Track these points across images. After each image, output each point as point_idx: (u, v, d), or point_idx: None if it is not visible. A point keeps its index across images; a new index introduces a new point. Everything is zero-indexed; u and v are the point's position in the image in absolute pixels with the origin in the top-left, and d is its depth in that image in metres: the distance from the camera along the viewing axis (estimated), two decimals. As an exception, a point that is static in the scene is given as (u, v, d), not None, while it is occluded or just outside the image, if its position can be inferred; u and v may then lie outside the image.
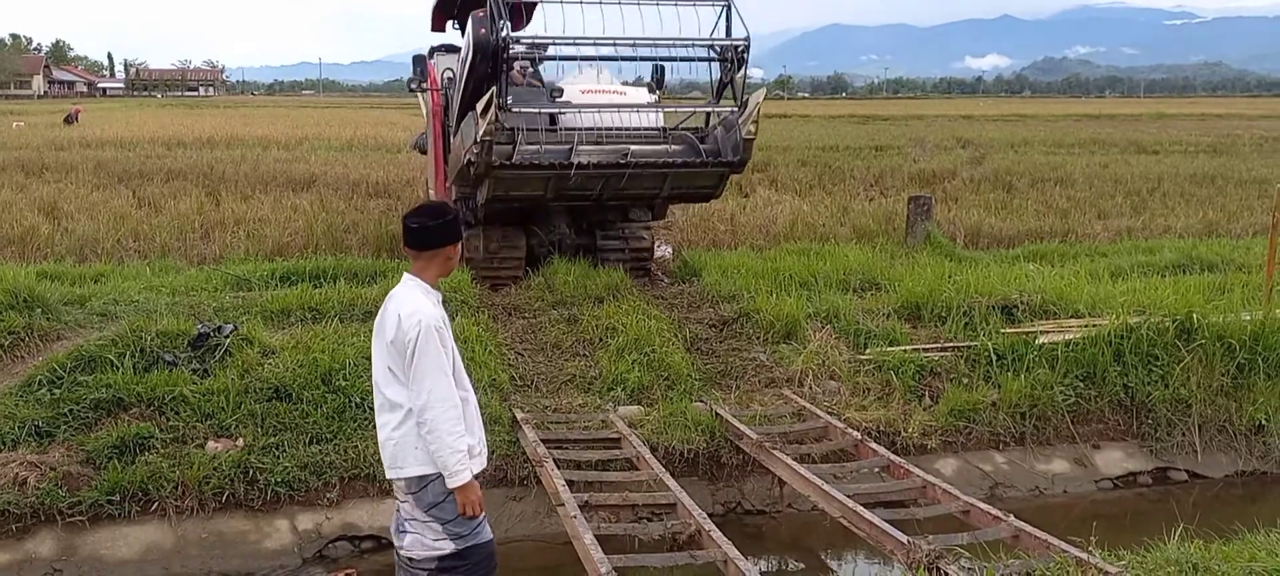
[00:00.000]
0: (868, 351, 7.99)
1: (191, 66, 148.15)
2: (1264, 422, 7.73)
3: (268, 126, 34.10)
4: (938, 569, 4.69)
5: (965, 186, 18.61)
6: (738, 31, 8.51)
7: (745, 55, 8.49)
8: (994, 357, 7.85)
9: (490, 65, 8.10)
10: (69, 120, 38.09)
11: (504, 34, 7.90)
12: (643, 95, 9.44)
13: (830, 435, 6.88)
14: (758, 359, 7.97)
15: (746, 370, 7.87)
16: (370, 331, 7.74)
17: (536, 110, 8.48)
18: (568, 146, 8.50)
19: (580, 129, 8.62)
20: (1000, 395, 7.61)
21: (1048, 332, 8.11)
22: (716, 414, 7.07)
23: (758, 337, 8.24)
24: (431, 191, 11.16)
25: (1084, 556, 4.65)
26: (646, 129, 9.20)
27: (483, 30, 8.03)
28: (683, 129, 9.36)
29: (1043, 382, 7.66)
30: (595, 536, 5.09)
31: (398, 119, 45.01)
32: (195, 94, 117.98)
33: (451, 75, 10.46)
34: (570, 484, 5.82)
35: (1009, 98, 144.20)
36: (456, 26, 11.44)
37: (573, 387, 7.52)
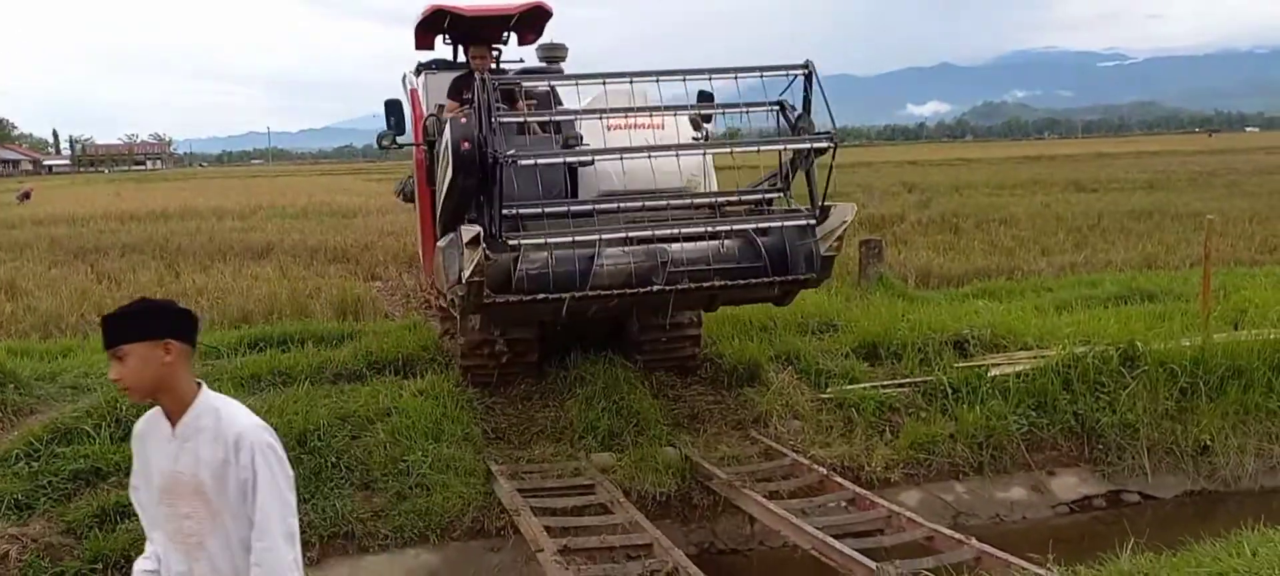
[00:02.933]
0: (828, 390, 8.24)
1: (138, 140, 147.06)
2: (1208, 443, 8.06)
3: (220, 197, 34.07)
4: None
5: (914, 229, 19.09)
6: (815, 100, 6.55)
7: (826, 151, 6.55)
8: (949, 391, 8.15)
9: (479, 178, 6.09)
10: (23, 198, 37.87)
11: (496, 151, 5.87)
12: (684, 133, 7.30)
13: (797, 472, 7.10)
14: (723, 402, 8.19)
15: (712, 413, 8.08)
16: (341, 393, 7.95)
17: (546, 239, 6.34)
18: (587, 252, 6.43)
19: (605, 208, 6.74)
20: (957, 427, 7.89)
21: (999, 365, 8.43)
22: (686, 457, 7.27)
23: (722, 381, 8.46)
24: (419, 250, 9.66)
25: (1043, 572, 4.90)
26: (692, 196, 7.05)
27: (466, 144, 5.93)
28: (740, 204, 7.27)
29: (997, 413, 7.97)
30: (576, 578, 5.29)
31: (351, 184, 45.15)
32: (143, 167, 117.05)
33: (438, 110, 8.31)
34: (547, 530, 5.99)
35: (951, 142, 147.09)
36: (448, 41, 9.35)
37: (544, 438, 7.68)
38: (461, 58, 9.25)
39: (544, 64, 8.59)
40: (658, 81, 6.35)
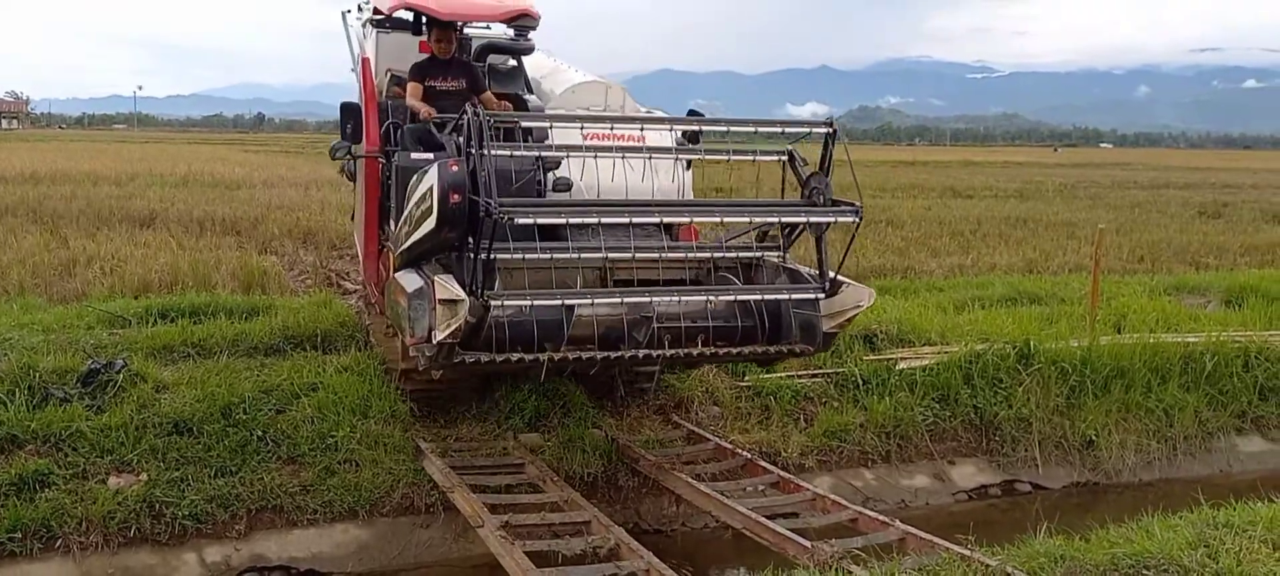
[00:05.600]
0: (746, 379, 8.50)
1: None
2: (1094, 438, 8.62)
3: (91, 161, 32.64)
4: (841, 569, 5.17)
5: (807, 227, 19.54)
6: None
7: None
8: (860, 382, 8.53)
9: (467, 234, 5.36)
10: None
11: (489, 204, 5.10)
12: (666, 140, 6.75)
13: (720, 456, 7.33)
14: (644, 388, 8.35)
15: (634, 398, 8.24)
16: (262, 366, 7.86)
17: (530, 302, 5.68)
18: (566, 304, 5.79)
19: (590, 258, 5.93)
20: (867, 416, 8.27)
21: (906, 359, 8.84)
22: (613, 439, 7.42)
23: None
24: (361, 258, 8.57)
25: (967, 553, 5.22)
26: (686, 249, 6.54)
27: (456, 197, 5.15)
28: (733, 248, 6.70)
29: (904, 404, 8.38)
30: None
31: (228, 155, 43.90)
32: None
33: (398, 85, 7.75)
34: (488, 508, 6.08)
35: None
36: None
37: (470, 418, 7.71)
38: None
39: (511, 33, 8.17)
40: (673, 129, 6.24)
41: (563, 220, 5.64)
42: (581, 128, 5.83)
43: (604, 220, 5.70)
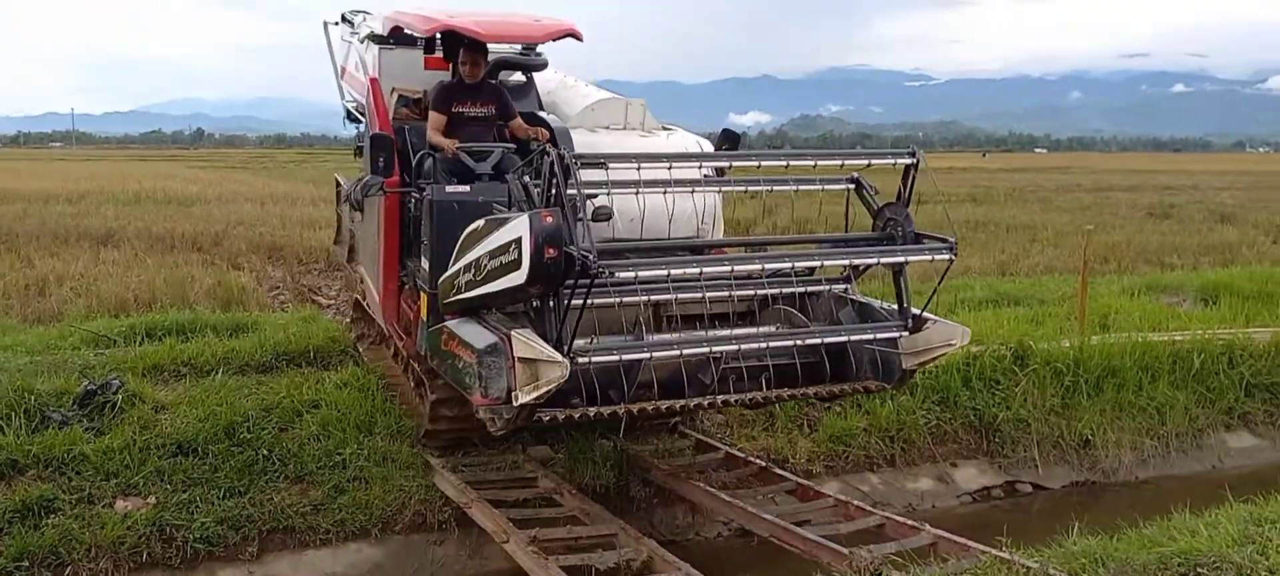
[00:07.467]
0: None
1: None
2: (1090, 437, 8.72)
3: (38, 180, 31.86)
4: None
5: (772, 232, 19.64)
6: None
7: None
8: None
9: (554, 288, 4.90)
10: None
11: (586, 257, 4.62)
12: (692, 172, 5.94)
13: (732, 464, 7.28)
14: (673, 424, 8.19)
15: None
16: (259, 384, 7.69)
17: (619, 358, 5.33)
18: (639, 354, 5.37)
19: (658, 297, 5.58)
20: (871, 421, 8.28)
21: (904, 363, 8.85)
22: (623, 449, 7.35)
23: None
24: (374, 298, 7.70)
25: (1006, 555, 5.21)
26: (753, 280, 5.95)
27: (552, 251, 4.63)
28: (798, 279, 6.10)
29: (906, 408, 8.40)
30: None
31: (174, 171, 43.04)
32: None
33: (407, 106, 7.35)
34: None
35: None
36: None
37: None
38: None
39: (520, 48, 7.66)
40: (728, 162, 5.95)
41: (665, 271, 5.19)
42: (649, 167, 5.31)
43: (706, 269, 5.44)
